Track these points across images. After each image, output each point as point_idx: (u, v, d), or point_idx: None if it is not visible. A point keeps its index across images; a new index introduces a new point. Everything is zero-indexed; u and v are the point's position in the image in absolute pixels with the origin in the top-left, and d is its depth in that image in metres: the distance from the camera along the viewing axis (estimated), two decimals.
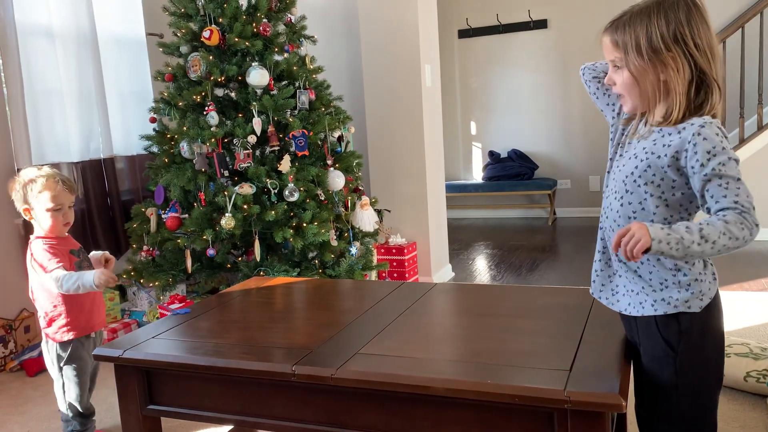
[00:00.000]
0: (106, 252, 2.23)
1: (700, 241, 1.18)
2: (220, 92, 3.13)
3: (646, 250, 1.18)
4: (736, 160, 1.24)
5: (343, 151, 3.31)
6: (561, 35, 6.40)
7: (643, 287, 1.36)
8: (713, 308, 1.33)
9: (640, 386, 1.43)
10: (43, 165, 2.22)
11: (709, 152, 1.22)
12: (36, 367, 3.08)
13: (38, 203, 2.07)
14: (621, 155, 1.41)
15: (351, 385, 1.40)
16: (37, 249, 2.06)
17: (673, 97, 1.26)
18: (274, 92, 3.03)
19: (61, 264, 2.02)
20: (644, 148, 1.32)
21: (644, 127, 1.36)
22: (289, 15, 3.29)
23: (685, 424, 1.35)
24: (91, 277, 1.97)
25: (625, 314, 1.42)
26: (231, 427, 2.12)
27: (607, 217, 1.41)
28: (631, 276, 1.37)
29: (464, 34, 6.80)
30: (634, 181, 1.32)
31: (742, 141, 4.91)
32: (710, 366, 1.34)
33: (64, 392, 2.14)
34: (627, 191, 1.34)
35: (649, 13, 1.26)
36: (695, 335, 1.31)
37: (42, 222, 2.09)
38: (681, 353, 1.31)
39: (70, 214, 2.13)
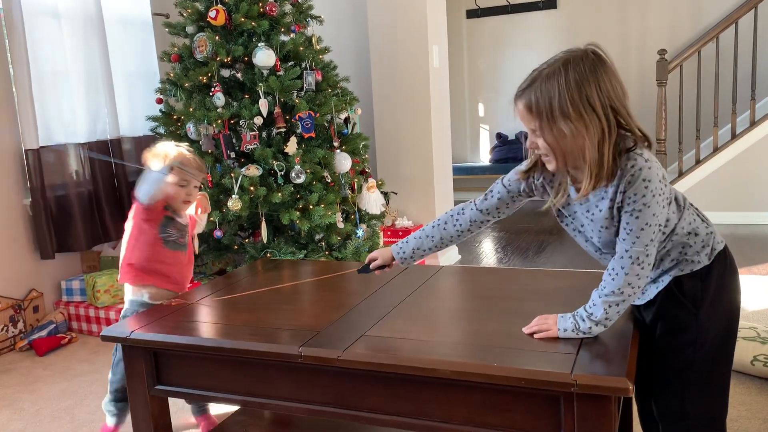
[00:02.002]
0: (202, 194, 2.24)
1: (594, 326, 1.34)
2: (226, 73, 3.12)
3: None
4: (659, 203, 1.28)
5: (349, 132, 3.30)
6: (570, 15, 6.33)
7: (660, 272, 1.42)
8: (723, 261, 1.39)
9: (653, 369, 1.45)
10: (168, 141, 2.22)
11: (636, 194, 1.27)
12: (45, 347, 3.11)
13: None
14: (569, 216, 1.46)
15: (357, 367, 1.40)
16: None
17: (591, 163, 1.27)
18: (281, 73, 3.01)
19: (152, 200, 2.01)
20: (593, 211, 1.37)
21: (575, 193, 1.38)
22: None
23: (706, 386, 1.39)
24: (157, 181, 1.98)
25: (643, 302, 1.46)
26: (237, 407, 2.14)
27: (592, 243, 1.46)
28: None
29: (472, 14, 6.73)
30: (605, 227, 1.37)
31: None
32: (728, 318, 1.40)
33: None
34: (602, 229, 1.38)
35: (557, 78, 1.24)
36: (714, 287, 1.37)
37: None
38: (703, 308, 1.37)
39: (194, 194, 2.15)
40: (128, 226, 2.11)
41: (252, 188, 2.86)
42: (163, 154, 2.09)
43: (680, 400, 1.40)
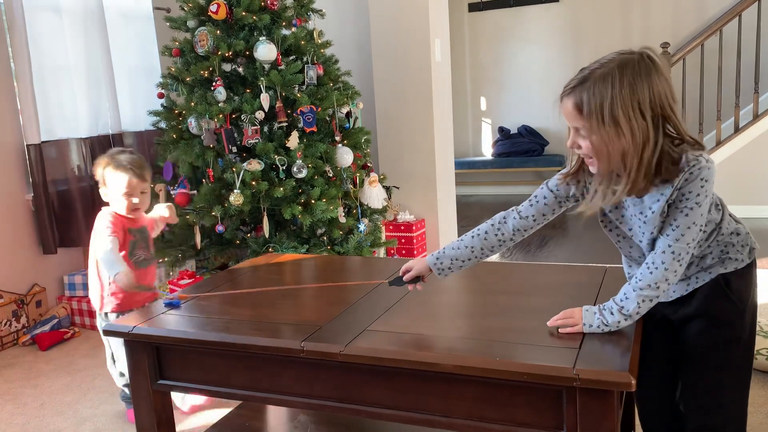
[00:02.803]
0: (167, 205, 2.40)
1: (624, 320, 1.33)
2: (227, 67, 3.11)
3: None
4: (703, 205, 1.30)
5: (351, 127, 3.29)
6: (573, 8, 6.30)
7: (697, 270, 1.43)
8: (755, 260, 1.44)
9: (683, 365, 1.47)
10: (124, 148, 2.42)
11: (691, 192, 1.28)
12: (48, 341, 3.12)
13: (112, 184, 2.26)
14: (616, 220, 1.44)
15: (359, 362, 1.40)
16: (102, 217, 2.24)
17: (630, 169, 1.26)
18: (282, 67, 3.00)
19: (114, 235, 2.18)
20: (646, 213, 1.35)
21: (626, 196, 1.34)
22: None
23: (741, 380, 1.44)
24: (117, 271, 2.09)
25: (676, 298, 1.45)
26: (240, 402, 2.15)
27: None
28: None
29: (474, 7, 6.70)
30: (658, 229, 1.35)
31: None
32: (754, 315, 1.44)
33: (113, 361, 2.32)
34: (654, 230, 1.36)
35: (611, 80, 1.22)
36: (752, 287, 1.42)
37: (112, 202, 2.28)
38: (747, 306, 1.40)
39: (143, 199, 2.28)
40: (93, 259, 2.26)
41: (254, 183, 2.85)
42: (97, 165, 2.27)
43: (717, 396, 1.41)
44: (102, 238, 2.18)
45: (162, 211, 2.39)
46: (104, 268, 2.16)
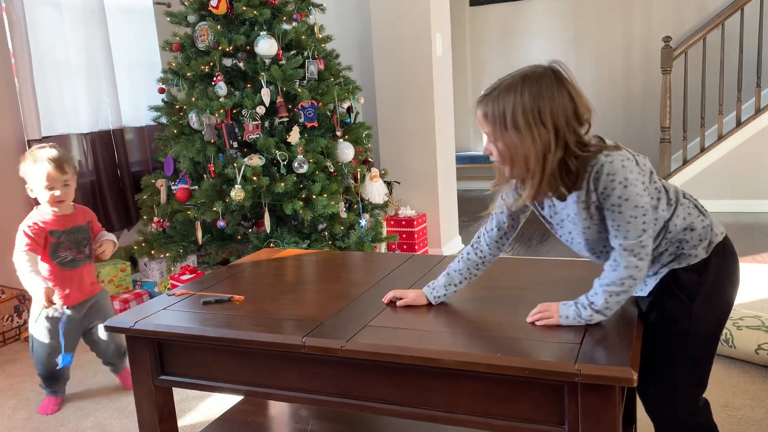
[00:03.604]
0: (106, 244, 2.45)
1: (595, 314, 1.36)
2: (228, 62, 3.10)
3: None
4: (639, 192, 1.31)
5: (352, 122, 3.28)
6: (574, 3, 6.27)
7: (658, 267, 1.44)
8: (723, 253, 1.41)
9: (644, 358, 1.45)
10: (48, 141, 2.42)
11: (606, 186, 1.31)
12: None
13: (33, 181, 2.32)
14: (557, 224, 1.48)
15: (361, 357, 1.40)
16: (21, 232, 2.28)
17: (533, 174, 1.32)
18: (283, 62, 3.00)
19: (28, 247, 2.24)
20: (564, 214, 1.42)
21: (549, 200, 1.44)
22: None
23: (693, 376, 1.43)
24: (35, 286, 2.18)
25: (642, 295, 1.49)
26: (241, 397, 2.15)
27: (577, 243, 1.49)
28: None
29: (476, 2, 6.68)
30: (587, 227, 1.39)
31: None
32: (723, 310, 1.43)
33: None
34: (585, 230, 1.41)
35: (514, 90, 1.31)
36: (711, 281, 1.39)
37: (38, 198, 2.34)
38: (699, 301, 1.38)
39: (65, 191, 2.32)
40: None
41: (255, 178, 2.85)
42: (21, 163, 2.34)
43: (667, 390, 1.43)
44: (17, 254, 2.23)
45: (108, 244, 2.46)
46: (19, 274, 2.23)
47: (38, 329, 2.39)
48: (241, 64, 3.03)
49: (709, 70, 5.03)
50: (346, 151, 3.12)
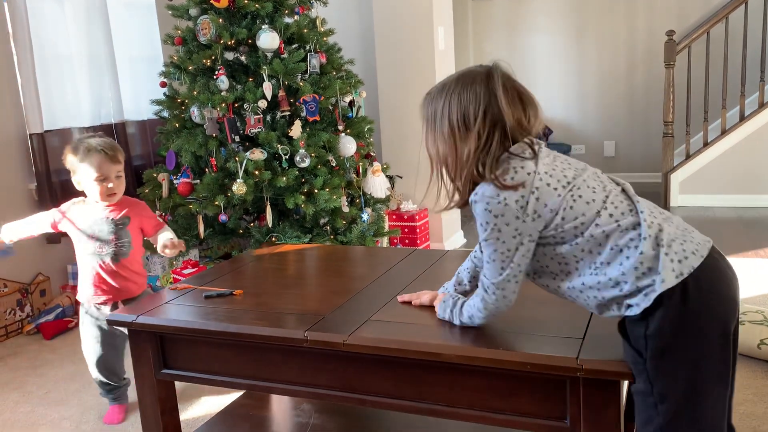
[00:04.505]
0: (172, 241, 2.17)
1: (460, 322, 1.38)
2: (230, 56, 3.09)
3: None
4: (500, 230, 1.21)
5: (354, 116, 3.27)
6: None
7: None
8: (682, 296, 1.13)
9: None
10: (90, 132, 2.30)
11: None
12: (52, 330, 3.13)
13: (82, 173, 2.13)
14: None
15: (363, 352, 1.40)
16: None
17: (455, 178, 1.28)
18: (285, 56, 2.99)
19: (46, 211, 2.17)
20: None
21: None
22: None
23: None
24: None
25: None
26: (243, 391, 2.15)
27: None
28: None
29: None
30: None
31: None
32: (700, 364, 1.13)
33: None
34: None
35: (446, 92, 1.28)
36: (666, 333, 1.13)
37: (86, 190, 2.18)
38: (649, 358, 1.14)
39: (117, 183, 2.16)
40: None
41: (257, 172, 2.85)
42: (66, 152, 2.16)
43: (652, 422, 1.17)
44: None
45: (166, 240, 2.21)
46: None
47: (82, 330, 2.26)
48: (242, 58, 3.02)
49: (712, 64, 5.01)
50: (348, 146, 3.11)
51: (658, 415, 1.15)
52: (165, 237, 2.19)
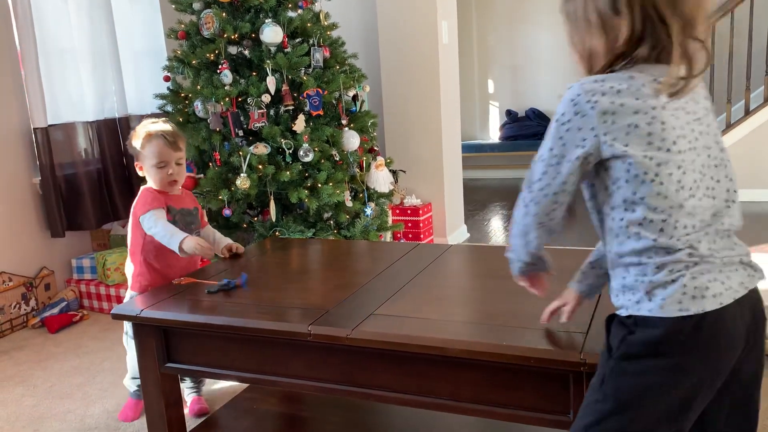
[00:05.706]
0: (236, 244, 2.15)
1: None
2: (233, 50, 3.09)
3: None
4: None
5: (357, 110, 3.27)
6: None
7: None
8: (689, 336, 1.01)
9: None
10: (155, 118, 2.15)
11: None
12: (57, 324, 3.14)
13: (145, 158, 2.05)
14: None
15: (366, 346, 1.40)
16: (140, 195, 2.04)
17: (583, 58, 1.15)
18: (288, 50, 2.98)
19: (157, 203, 1.99)
20: None
21: None
22: None
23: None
24: (179, 239, 1.88)
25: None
26: (247, 385, 2.16)
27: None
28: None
29: None
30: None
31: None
32: (646, 399, 1.02)
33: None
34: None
35: None
36: (640, 352, 1.03)
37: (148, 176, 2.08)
38: (615, 358, 1.06)
39: (178, 170, 2.07)
40: (131, 235, 2.07)
41: (260, 166, 2.85)
42: (131, 138, 2.06)
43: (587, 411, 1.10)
44: (145, 219, 1.96)
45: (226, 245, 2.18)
46: (165, 244, 1.93)
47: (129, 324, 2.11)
48: (246, 52, 3.02)
49: (717, 58, 4.98)
50: (352, 140, 3.11)
51: (592, 413, 1.07)
52: (226, 241, 2.18)
